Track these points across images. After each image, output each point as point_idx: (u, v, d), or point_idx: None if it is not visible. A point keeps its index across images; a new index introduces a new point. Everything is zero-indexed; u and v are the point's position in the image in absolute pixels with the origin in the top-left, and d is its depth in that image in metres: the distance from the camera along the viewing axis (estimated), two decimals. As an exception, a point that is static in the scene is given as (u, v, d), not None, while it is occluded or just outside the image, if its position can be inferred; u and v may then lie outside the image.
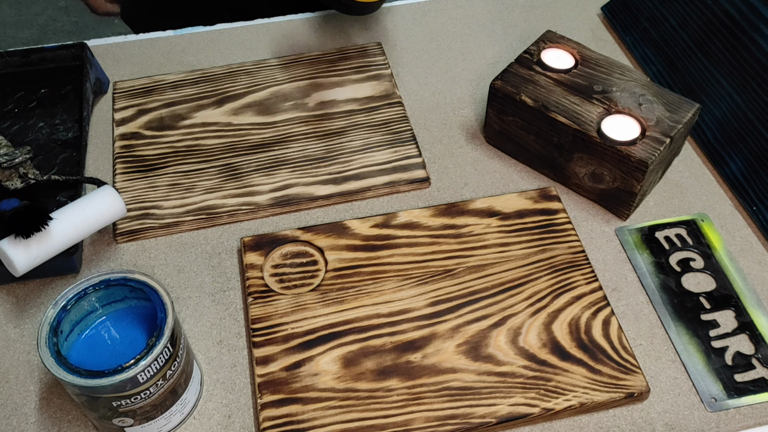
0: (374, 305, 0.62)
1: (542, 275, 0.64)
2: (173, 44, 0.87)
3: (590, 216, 0.70)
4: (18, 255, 0.58)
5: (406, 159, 0.74)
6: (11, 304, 0.64)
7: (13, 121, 0.77)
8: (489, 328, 0.60)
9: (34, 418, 0.57)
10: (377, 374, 0.58)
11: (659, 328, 0.62)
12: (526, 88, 0.70)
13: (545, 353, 0.59)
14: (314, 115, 0.78)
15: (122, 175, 0.72)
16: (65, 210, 0.61)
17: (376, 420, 0.55)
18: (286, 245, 0.66)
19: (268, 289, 0.63)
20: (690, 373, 0.59)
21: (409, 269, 0.64)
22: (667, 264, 0.66)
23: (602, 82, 0.70)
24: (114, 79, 0.82)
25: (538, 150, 0.72)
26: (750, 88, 0.73)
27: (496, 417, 0.55)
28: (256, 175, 0.72)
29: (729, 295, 0.64)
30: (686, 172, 0.74)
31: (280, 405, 0.56)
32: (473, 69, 0.84)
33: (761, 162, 0.70)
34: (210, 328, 0.63)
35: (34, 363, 0.60)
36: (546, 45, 0.74)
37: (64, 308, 0.52)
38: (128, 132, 0.76)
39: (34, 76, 0.80)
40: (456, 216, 0.68)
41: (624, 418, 0.57)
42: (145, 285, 0.54)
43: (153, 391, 0.52)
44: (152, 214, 0.69)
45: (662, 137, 0.65)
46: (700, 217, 0.69)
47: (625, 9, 0.88)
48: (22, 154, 0.67)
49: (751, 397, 0.58)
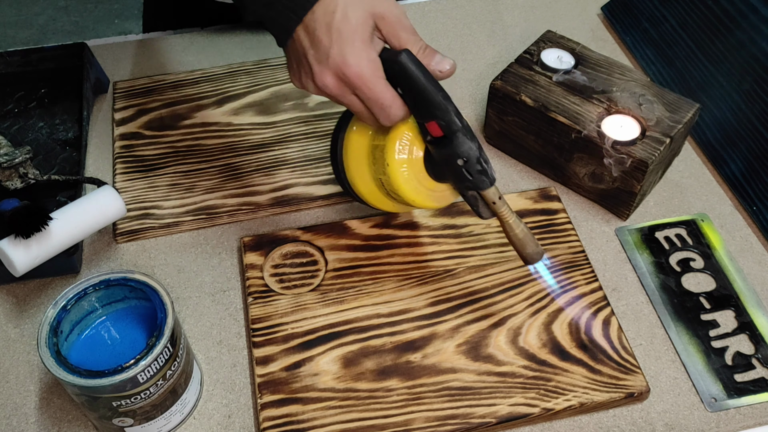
0: (374, 305, 0.62)
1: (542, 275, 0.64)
2: (173, 44, 0.87)
3: (590, 216, 0.70)
4: (18, 255, 0.58)
5: (406, 159, 0.74)
6: (11, 304, 0.64)
7: (13, 121, 0.77)
8: (489, 328, 0.60)
9: (34, 418, 0.57)
10: (377, 374, 0.58)
11: (659, 328, 0.62)
12: (526, 88, 0.70)
13: (545, 353, 0.59)
14: (314, 115, 0.78)
15: (122, 175, 0.72)
16: (65, 210, 0.61)
17: (376, 420, 0.55)
18: (286, 245, 0.66)
19: (268, 289, 0.63)
20: (690, 373, 0.59)
21: (409, 269, 0.64)
22: (667, 264, 0.66)
23: (602, 82, 0.70)
24: (114, 79, 0.82)
25: (538, 150, 0.72)
26: (750, 88, 0.73)
27: (496, 417, 0.55)
28: (256, 175, 0.72)
29: (729, 295, 0.64)
30: (686, 172, 0.74)
31: (280, 405, 0.56)
32: (473, 69, 0.84)
33: (761, 162, 0.70)
34: (210, 328, 0.63)
35: (34, 363, 0.60)
36: (546, 45, 0.74)
37: (64, 308, 0.52)
38: (128, 132, 0.76)
39: (34, 76, 0.80)
40: (456, 216, 0.68)
41: (624, 418, 0.57)
42: (145, 285, 0.54)
43: (153, 391, 0.52)
44: (152, 214, 0.69)
45: (662, 137, 0.65)
46: (700, 217, 0.69)
47: (625, 9, 0.88)
48: (22, 154, 0.66)
49: (751, 397, 0.58)
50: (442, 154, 0.54)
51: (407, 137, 0.56)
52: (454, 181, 0.56)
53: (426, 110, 0.52)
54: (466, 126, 0.53)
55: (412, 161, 0.56)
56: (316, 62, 0.52)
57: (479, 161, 0.53)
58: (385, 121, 0.53)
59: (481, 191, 0.55)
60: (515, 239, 0.56)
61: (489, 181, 0.54)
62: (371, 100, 0.52)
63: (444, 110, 0.52)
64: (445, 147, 0.53)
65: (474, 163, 0.53)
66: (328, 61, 0.51)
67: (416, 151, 0.56)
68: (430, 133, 0.53)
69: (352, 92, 0.52)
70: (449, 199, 0.59)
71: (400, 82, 0.52)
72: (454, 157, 0.53)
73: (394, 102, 0.52)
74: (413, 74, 0.51)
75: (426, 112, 0.52)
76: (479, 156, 0.53)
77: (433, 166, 0.56)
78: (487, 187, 0.54)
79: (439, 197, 0.59)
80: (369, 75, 0.51)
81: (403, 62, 0.51)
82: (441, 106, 0.52)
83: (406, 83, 0.52)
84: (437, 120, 0.52)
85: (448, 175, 0.56)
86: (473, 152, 0.53)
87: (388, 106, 0.52)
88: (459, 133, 0.52)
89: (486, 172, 0.54)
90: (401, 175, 0.56)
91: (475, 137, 0.53)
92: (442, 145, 0.53)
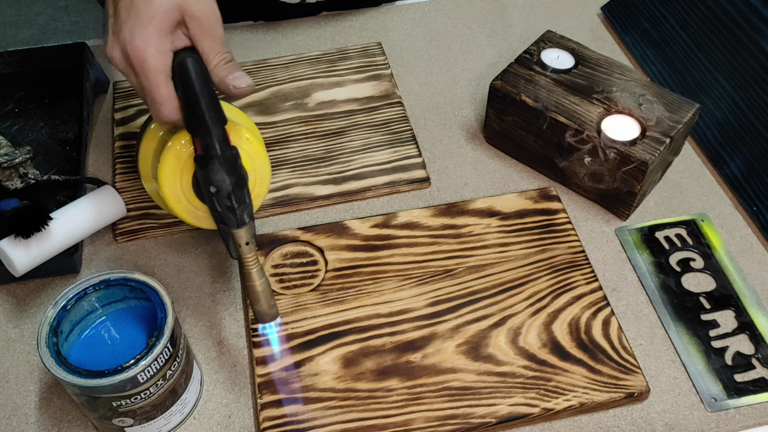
0: (374, 305, 0.62)
1: (542, 275, 0.64)
2: (173, 44, 0.87)
3: (590, 216, 0.70)
4: (18, 255, 0.58)
5: (406, 159, 0.74)
6: (11, 304, 0.64)
7: (13, 121, 0.77)
8: (489, 328, 0.60)
9: (34, 418, 0.57)
10: (377, 374, 0.58)
11: (659, 328, 0.62)
12: (526, 88, 0.70)
13: (545, 353, 0.59)
14: (314, 115, 0.78)
15: (122, 175, 0.72)
16: (65, 210, 0.61)
17: (376, 420, 0.55)
18: (286, 245, 0.66)
19: (268, 289, 0.63)
20: (690, 373, 0.59)
21: (409, 269, 0.64)
22: (667, 264, 0.66)
23: (602, 82, 0.70)
24: (114, 79, 0.82)
25: (538, 150, 0.72)
26: (750, 88, 0.73)
27: (496, 417, 0.55)
28: (256, 175, 0.72)
29: (729, 295, 0.64)
30: (686, 172, 0.74)
31: (280, 405, 0.56)
32: (473, 69, 0.84)
33: (761, 162, 0.70)
34: (210, 328, 0.63)
35: (34, 363, 0.60)
36: (546, 45, 0.74)
37: (64, 308, 0.52)
38: (128, 132, 0.76)
39: (34, 76, 0.80)
40: (456, 216, 0.68)
41: (624, 418, 0.57)
42: (145, 285, 0.54)
43: (153, 391, 0.52)
44: (152, 214, 0.69)
45: (662, 137, 0.65)
46: (700, 217, 0.69)
47: (625, 9, 0.88)
48: (22, 154, 0.67)
49: (751, 397, 0.58)
50: (201, 174, 0.52)
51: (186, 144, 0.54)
52: (209, 207, 0.53)
53: (193, 124, 0.51)
54: (228, 156, 0.51)
55: (182, 169, 0.54)
56: (111, 32, 0.51)
57: (230, 197, 0.51)
58: (155, 117, 0.52)
59: (228, 228, 0.52)
60: (251, 291, 0.53)
61: (236, 221, 0.52)
62: (146, 90, 0.51)
63: (207, 132, 0.50)
64: (203, 168, 0.51)
65: (224, 197, 0.51)
66: (119, 35, 0.50)
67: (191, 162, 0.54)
68: (196, 149, 0.52)
69: (134, 75, 0.51)
70: (210, 224, 0.56)
71: (180, 87, 0.51)
72: (207, 183, 0.51)
73: (168, 102, 0.50)
74: (191, 83, 0.50)
75: (192, 126, 0.51)
76: (230, 192, 0.51)
77: (197, 184, 0.54)
78: (233, 227, 0.52)
79: (200, 217, 0.57)
80: (151, 64, 0.49)
81: (185, 66, 0.50)
82: (206, 126, 0.50)
83: (184, 90, 0.50)
84: (199, 138, 0.51)
85: (206, 200, 0.54)
86: (225, 185, 0.51)
87: (159, 103, 0.50)
88: (216, 160, 0.50)
89: (234, 210, 0.51)
90: (166, 179, 0.54)
91: (236, 171, 0.51)
92: (201, 165, 0.51)
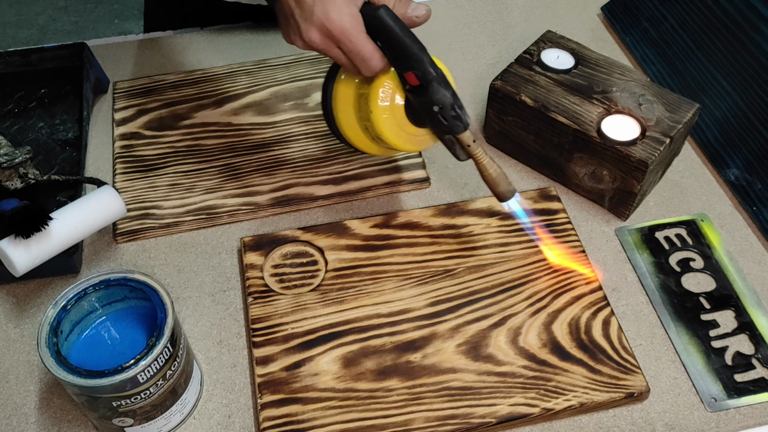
0: (374, 305, 0.62)
1: (542, 275, 0.64)
2: (173, 44, 0.87)
3: (590, 216, 0.70)
4: (18, 255, 0.58)
5: (406, 159, 0.74)
6: (11, 304, 0.64)
7: (13, 121, 0.77)
8: (489, 328, 0.60)
9: (34, 418, 0.57)
10: (377, 374, 0.58)
11: (659, 328, 0.62)
12: (526, 88, 0.70)
13: (545, 353, 0.59)
14: (314, 115, 0.78)
15: (122, 175, 0.72)
16: (65, 210, 0.61)
17: (376, 420, 0.55)
18: (286, 245, 0.66)
19: (268, 289, 0.63)
20: (690, 373, 0.59)
21: (409, 269, 0.64)
22: (667, 264, 0.66)
23: (602, 82, 0.70)
24: (114, 79, 0.82)
25: (538, 150, 0.72)
26: (750, 88, 0.73)
27: (496, 417, 0.55)
28: (256, 175, 0.72)
29: (729, 295, 0.64)
30: (686, 172, 0.74)
31: (280, 405, 0.56)
32: (473, 69, 0.84)
33: (761, 162, 0.70)
34: (210, 328, 0.63)
35: (34, 363, 0.60)
36: (546, 45, 0.74)
37: (64, 308, 0.52)
38: (128, 132, 0.76)
39: (34, 76, 0.80)
40: (456, 216, 0.68)
41: (624, 418, 0.57)
42: (145, 285, 0.54)
43: (153, 391, 0.52)
44: (152, 214, 0.69)
45: (662, 137, 0.65)
46: (700, 217, 0.69)
47: (625, 9, 0.88)
48: (22, 154, 0.67)
49: (751, 397, 0.58)
50: (419, 101, 0.58)
51: (388, 86, 0.59)
52: (431, 126, 0.60)
53: (403, 61, 0.56)
54: (440, 75, 0.56)
55: (393, 108, 0.59)
56: (302, 20, 0.56)
57: (453, 107, 0.57)
58: (366, 71, 0.57)
59: (456, 135, 0.58)
60: (489, 178, 0.59)
61: (463, 125, 0.58)
62: (353, 53, 0.56)
63: (419, 61, 0.55)
64: (421, 95, 0.57)
65: (449, 109, 0.57)
66: (313, 18, 0.55)
67: (397, 99, 0.59)
68: (408, 82, 0.57)
69: (336, 46, 0.56)
70: (429, 143, 0.63)
71: (379, 36, 0.56)
72: (430, 104, 0.57)
73: (374, 54, 0.56)
74: (390, 28, 0.55)
75: (403, 63, 0.56)
76: (453, 102, 0.57)
77: (413, 112, 0.60)
78: (461, 131, 0.58)
79: (420, 141, 0.62)
80: (350, 29, 0.55)
81: (381, 17, 0.55)
82: (416, 57, 0.55)
83: (385, 37, 0.56)
84: (413, 70, 0.56)
85: (426, 121, 0.60)
86: (447, 99, 0.57)
87: (368, 58, 0.56)
88: (434, 82, 0.56)
89: (460, 117, 0.57)
90: (383, 121, 0.60)
91: (449, 86, 0.57)
92: (419, 93, 0.57)
